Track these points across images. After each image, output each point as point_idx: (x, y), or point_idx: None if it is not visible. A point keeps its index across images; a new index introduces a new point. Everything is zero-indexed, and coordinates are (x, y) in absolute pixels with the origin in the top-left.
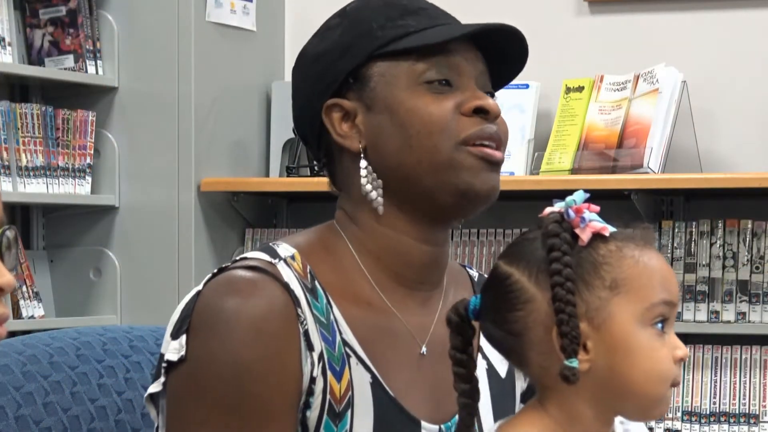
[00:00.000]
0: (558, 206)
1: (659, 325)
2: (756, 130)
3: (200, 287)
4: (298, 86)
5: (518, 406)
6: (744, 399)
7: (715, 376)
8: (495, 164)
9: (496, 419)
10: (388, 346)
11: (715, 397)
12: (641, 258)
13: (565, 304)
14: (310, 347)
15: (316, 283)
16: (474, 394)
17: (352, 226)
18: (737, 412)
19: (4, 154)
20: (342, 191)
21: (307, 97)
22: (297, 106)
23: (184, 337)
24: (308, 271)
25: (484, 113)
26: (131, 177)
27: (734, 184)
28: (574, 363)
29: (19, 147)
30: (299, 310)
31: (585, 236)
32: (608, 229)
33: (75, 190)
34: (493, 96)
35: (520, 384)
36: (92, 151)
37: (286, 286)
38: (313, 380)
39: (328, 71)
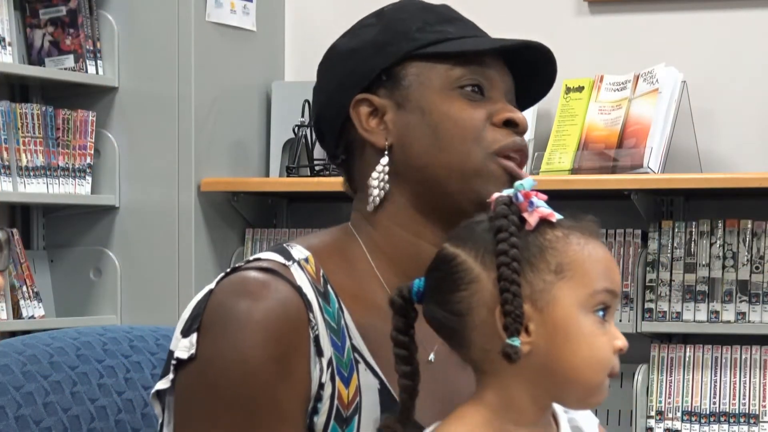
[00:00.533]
0: (506, 191)
1: (601, 312)
2: (756, 130)
3: (212, 286)
4: (325, 80)
5: None
6: (744, 399)
7: (715, 376)
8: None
9: None
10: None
11: (715, 397)
12: (586, 246)
13: (510, 283)
14: (320, 353)
15: (329, 287)
16: (414, 377)
17: (367, 228)
18: (737, 412)
19: (4, 154)
20: (358, 191)
21: (335, 91)
22: (321, 100)
23: (194, 336)
24: (321, 274)
25: (514, 126)
26: (131, 177)
27: (734, 184)
28: (516, 342)
29: (19, 147)
30: (311, 315)
31: (532, 220)
32: (555, 216)
33: (75, 190)
34: None
35: None
36: (92, 151)
37: (298, 290)
38: (321, 386)
39: (361, 66)
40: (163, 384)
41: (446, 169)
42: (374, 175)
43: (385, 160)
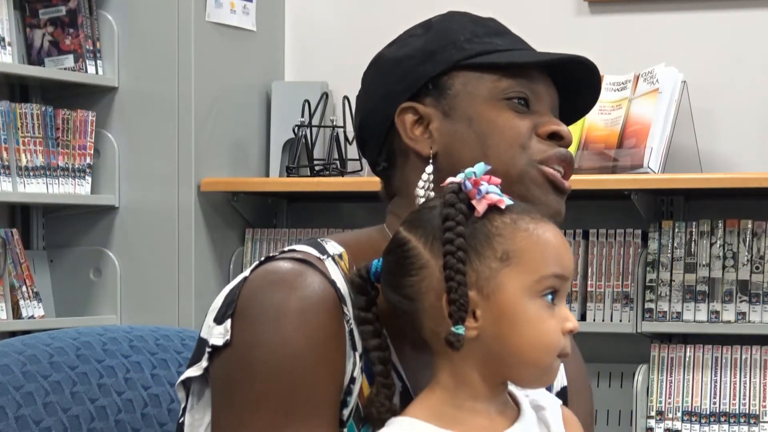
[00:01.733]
0: (458, 177)
1: (549, 297)
2: (756, 130)
3: (246, 273)
4: (370, 87)
5: None
6: (744, 399)
7: (715, 376)
8: (562, 191)
9: None
10: (422, 356)
11: (715, 397)
12: (536, 231)
13: (455, 272)
14: (354, 347)
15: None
16: (385, 347)
17: None
18: (737, 412)
19: (4, 154)
20: (397, 196)
21: (381, 99)
22: (366, 107)
23: (228, 322)
24: (354, 271)
25: (559, 139)
26: (131, 177)
27: (734, 184)
28: (460, 330)
29: (19, 147)
30: (345, 309)
31: (480, 207)
32: (504, 202)
33: (75, 190)
34: None
35: None
36: (92, 151)
37: (332, 283)
38: (353, 380)
39: (408, 75)
40: (194, 371)
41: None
42: (420, 183)
43: (430, 168)
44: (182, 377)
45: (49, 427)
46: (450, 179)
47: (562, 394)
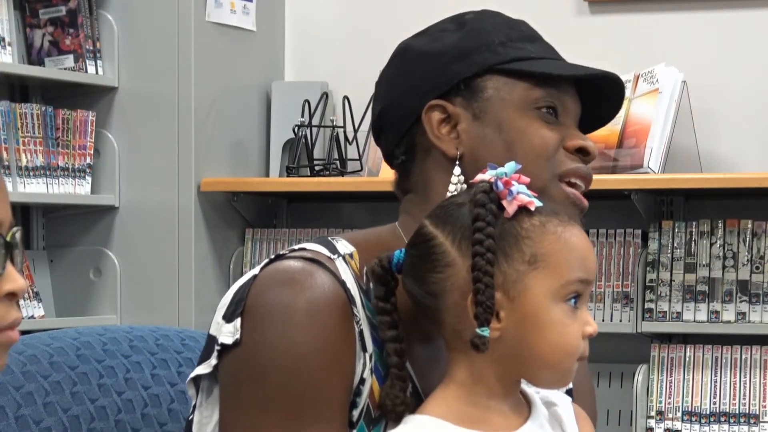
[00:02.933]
0: (489, 174)
1: (572, 301)
2: (756, 130)
3: (256, 271)
4: (396, 78)
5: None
6: (744, 399)
7: (715, 376)
8: (580, 210)
9: None
10: (433, 357)
11: (715, 398)
12: (563, 234)
13: (483, 274)
14: (364, 348)
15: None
16: (401, 338)
17: None
18: (737, 412)
19: (4, 154)
20: (413, 193)
21: (407, 92)
22: (388, 97)
23: (238, 321)
24: (365, 271)
25: (585, 154)
26: (131, 177)
27: (734, 184)
28: (485, 332)
29: (19, 147)
30: (354, 309)
31: (510, 209)
32: (534, 203)
33: (75, 190)
34: None
35: None
36: (92, 151)
37: (342, 284)
38: (362, 381)
39: (441, 72)
40: (203, 369)
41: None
42: (451, 187)
43: (458, 170)
44: (192, 374)
45: (49, 427)
46: (480, 176)
47: (568, 395)
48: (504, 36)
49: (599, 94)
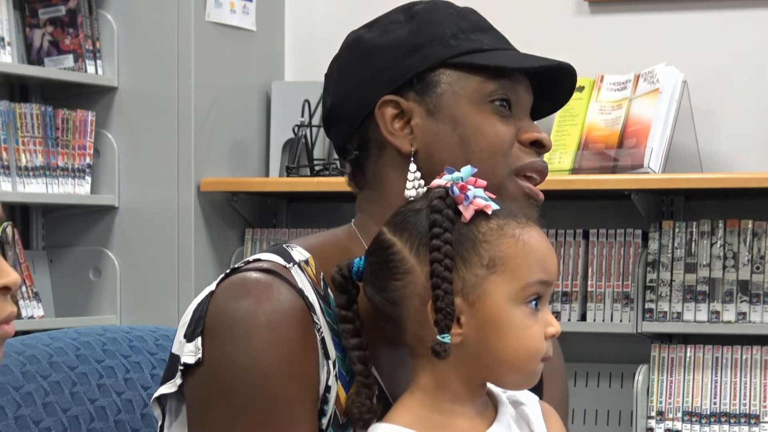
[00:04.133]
0: (445, 179)
1: (533, 303)
2: (756, 130)
3: (213, 287)
4: (347, 71)
5: None
6: (744, 399)
7: (716, 376)
8: (536, 202)
9: None
10: (399, 361)
11: (715, 398)
12: (521, 237)
13: (441, 280)
14: (327, 355)
15: (329, 290)
16: (365, 346)
17: (375, 228)
18: (737, 412)
19: (4, 154)
20: (368, 189)
21: (359, 86)
22: (340, 91)
23: (199, 340)
24: (321, 277)
25: (540, 147)
26: (131, 177)
27: (734, 184)
28: (446, 338)
29: (19, 147)
30: (315, 317)
31: (467, 214)
32: (491, 207)
33: (75, 190)
34: None
35: None
36: (92, 151)
37: (300, 293)
38: (327, 389)
39: (393, 66)
40: (168, 388)
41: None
42: (409, 185)
43: (413, 166)
44: (156, 394)
45: (49, 427)
46: (436, 182)
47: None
48: (455, 27)
49: (551, 82)
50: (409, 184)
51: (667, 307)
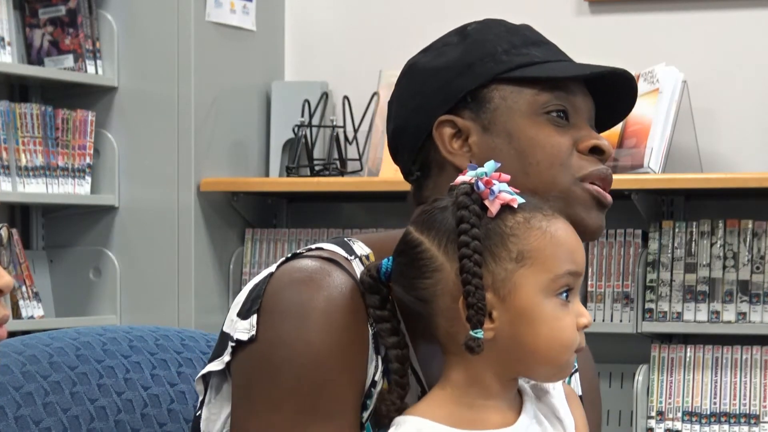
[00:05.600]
0: (469, 176)
1: (564, 294)
2: (756, 130)
3: (272, 269)
4: (404, 97)
5: None
6: (744, 399)
7: (716, 376)
8: (605, 206)
9: None
10: (428, 338)
11: (715, 398)
12: (548, 229)
13: (472, 276)
14: (377, 350)
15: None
16: (403, 345)
17: None
18: (737, 412)
19: (4, 154)
20: (427, 204)
21: (416, 109)
22: (399, 116)
23: (254, 317)
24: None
25: (600, 153)
26: (131, 177)
27: (734, 184)
28: (479, 334)
29: (19, 147)
30: (370, 311)
31: (494, 208)
32: (517, 201)
33: (74, 190)
34: None
35: None
36: (92, 151)
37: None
38: (374, 384)
39: (446, 87)
40: (215, 365)
41: (532, 194)
42: None
43: None
44: (203, 371)
45: (49, 427)
46: (461, 178)
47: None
48: (507, 43)
49: (612, 91)
50: None
51: (667, 307)
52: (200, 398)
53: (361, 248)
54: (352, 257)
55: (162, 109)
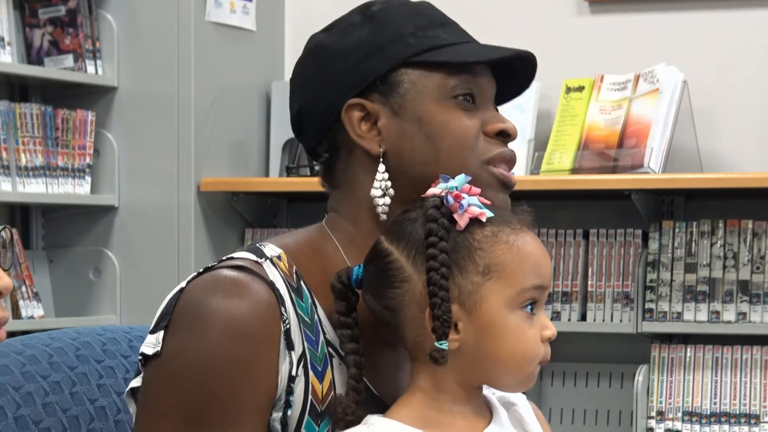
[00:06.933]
0: (440, 188)
1: (529, 307)
2: (756, 130)
3: (183, 284)
4: (311, 77)
5: None
6: (744, 399)
7: (716, 376)
8: (509, 188)
9: None
10: (372, 346)
11: (715, 398)
12: (515, 243)
13: (438, 288)
14: (290, 347)
15: (302, 283)
16: (361, 352)
17: (346, 226)
18: (738, 412)
19: (4, 154)
20: (339, 189)
21: (324, 90)
22: (306, 97)
23: (161, 333)
24: (294, 271)
25: (506, 136)
26: (131, 177)
27: (734, 184)
28: (444, 345)
29: (19, 147)
30: (283, 309)
31: (462, 222)
32: (486, 215)
33: (74, 190)
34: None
35: None
36: (92, 151)
37: (271, 285)
38: (292, 379)
39: (355, 70)
40: (136, 382)
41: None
42: (376, 184)
43: (382, 167)
44: (128, 387)
45: (49, 427)
46: (432, 191)
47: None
48: (413, 25)
49: (513, 71)
50: (376, 184)
51: (667, 307)
52: (134, 416)
53: (272, 250)
54: (263, 259)
55: (162, 109)
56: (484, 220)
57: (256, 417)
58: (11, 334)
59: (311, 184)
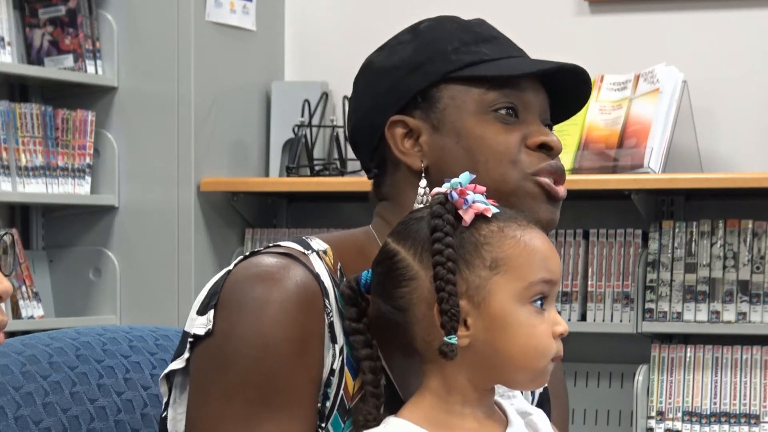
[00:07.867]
0: (445, 186)
1: (538, 302)
2: (756, 130)
3: (230, 267)
4: (360, 96)
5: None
6: (744, 399)
7: (716, 376)
8: (557, 199)
9: None
10: (405, 351)
11: (715, 398)
12: (522, 238)
13: (445, 283)
14: (334, 339)
15: (345, 280)
16: (375, 356)
17: None
18: (738, 412)
19: (4, 154)
20: (387, 200)
21: (370, 109)
22: (356, 116)
23: (211, 313)
24: (339, 267)
25: (548, 149)
26: (131, 177)
27: (734, 184)
28: (453, 339)
29: (19, 147)
30: (326, 301)
31: (467, 217)
32: (491, 210)
33: (74, 190)
34: (551, 129)
35: None
36: (92, 151)
37: (316, 277)
38: (332, 372)
39: (397, 87)
40: (177, 364)
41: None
42: (418, 198)
43: (424, 182)
44: (166, 370)
45: (49, 427)
46: (436, 189)
47: (543, 395)
48: (457, 41)
49: (566, 85)
50: (418, 198)
51: (667, 307)
52: (164, 399)
53: (318, 244)
54: (309, 251)
55: (162, 109)
56: (489, 215)
57: (312, 400)
58: (11, 334)
59: (311, 184)
